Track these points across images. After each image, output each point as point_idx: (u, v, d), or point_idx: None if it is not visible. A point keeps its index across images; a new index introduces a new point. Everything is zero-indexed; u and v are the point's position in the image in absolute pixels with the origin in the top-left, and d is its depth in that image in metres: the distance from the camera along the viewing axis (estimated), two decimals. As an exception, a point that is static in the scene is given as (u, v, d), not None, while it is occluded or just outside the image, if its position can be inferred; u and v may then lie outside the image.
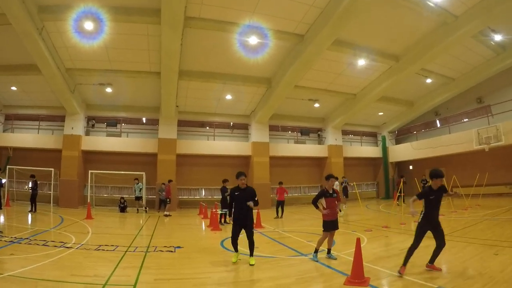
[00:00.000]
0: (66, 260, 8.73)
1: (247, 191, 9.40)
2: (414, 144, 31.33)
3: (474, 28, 18.08)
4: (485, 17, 17.09)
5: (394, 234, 13.13)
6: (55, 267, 8.02)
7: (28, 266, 7.90)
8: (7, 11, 14.92)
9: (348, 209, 23.18)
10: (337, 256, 9.31)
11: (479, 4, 16.66)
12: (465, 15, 17.48)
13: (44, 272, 7.50)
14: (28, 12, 15.33)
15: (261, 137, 28.63)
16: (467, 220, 15.94)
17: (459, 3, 16.90)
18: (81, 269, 7.93)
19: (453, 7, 17.18)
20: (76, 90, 23.51)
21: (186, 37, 17.82)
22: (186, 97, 25.25)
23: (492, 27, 19.47)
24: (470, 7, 17.04)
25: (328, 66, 22.34)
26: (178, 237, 13.33)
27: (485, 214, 17.57)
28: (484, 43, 21.37)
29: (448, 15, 17.71)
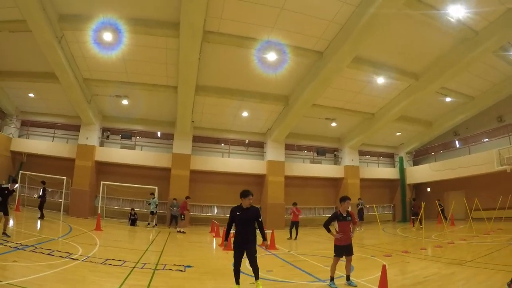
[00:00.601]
0: (70, 273, 8.40)
1: (251, 211, 8.25)
2: (433, 165, 30.38)
3: (495, 43, 17.49)
4: (506, 32, 16.51)
5: (415, 260, 12.49)
6: (57, 279, 7.70)
7: (29, 275, 7.62)
8: (28, 18, 15.00)
9: (364, 232, 22.83)
10: (357, 283, 8.77)
11: (499, 19, 16.11)
12: (486, 30, 16.89)
13: (46, 284, 7.21)
14: (48, 20, 15.40)
15: (277, 156, 28.22)
16: (491, 245, 15.20)
17: (479, 18, 16.32)
18: (85, 284, 7.63)
19: (473, 22, 16.62)
20: (93, 101, 23.51)
21: (204, 51, 17.64)
22: (202, 112, 25.04)
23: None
24: (490, 22, 16.45)
25: (346, 84, 21.96)
26: (188, 256, 12.93)
27: (509, 238, 16.88)
28: (505, 59, 20.53)
29: (468, 31, 17.16)
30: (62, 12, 16.03)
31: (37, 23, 15.13)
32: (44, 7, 14.76)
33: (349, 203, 9.09)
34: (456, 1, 14.89)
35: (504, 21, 15.99)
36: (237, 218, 8.18)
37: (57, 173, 23.46)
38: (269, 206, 26.50)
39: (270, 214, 26.30)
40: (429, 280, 8.96)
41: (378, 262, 11.84)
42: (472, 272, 9.86)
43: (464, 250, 14.31)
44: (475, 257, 12.15)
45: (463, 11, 15.50)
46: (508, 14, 15.73)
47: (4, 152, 24.34)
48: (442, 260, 12.08)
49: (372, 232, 22.96)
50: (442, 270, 10.26)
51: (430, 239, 17.85)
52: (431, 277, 9.40)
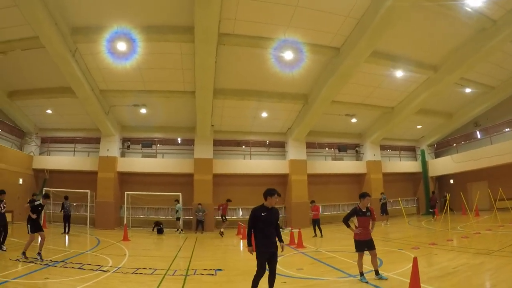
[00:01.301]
0: (102, 285, 8.40)
1: (274, 212, 7.45)
2: (455, 157, 30.00)
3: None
4: None
5: (443, 251, 12.44)
6: (91, 293, 7.65)
7: (62, 291, 7.55)
8: (40, 34, 15.02)
9: (390, 227, 22.91)
10: (388, 277, 8.76)
11: None
12: (504, 19, 16.53)
13: (80, 298, 7.17)
14: (61, 34, 15.43)
15: (298, 155, 28.09)
16: None
17: (496, 7, 15.97)
18: (118, 296, 7.56)
19: (490, 11, 16.26)
20: (111, 112, 23.58)
21: (220, 54, 17.50)
22: (221, 116, 25.02)
23: None
24: (508, 10, 16.09)
25: (365, 79, 21.74)
26: (218, 259, 12.98)
27: None
28: None
29: (486, 20, 16.80)
30: (74, 25, 16.06)
31: (50, 38, 15.15)
32: (56, 22, 14.78)
33: (368, 199, 9.10)
34: None
35: None
36: (262, 219, 7.25)
37: (81, 187, 23.85)
38: (294, 205, 26.36)
39: (295, 213, 26.23)
40: (458, 271, 8.96)
41: (406, 255, 11.97)
42: (501, 261, 9.83)
43: (490, 240, 14.30)
44: (502, 247, 12.09)
45: (480, 1, 15.18)
46: None
47: (26, 171, 24.65)
48: (470, 250, 12.08)
49: (398, 226, 23.01)
50: (471, 260, 10.25)
51: (456, 230, 17.74)
52: (460, 267, 9.40)
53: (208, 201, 24.92)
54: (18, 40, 16.60)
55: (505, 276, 8.32)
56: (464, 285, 7.67)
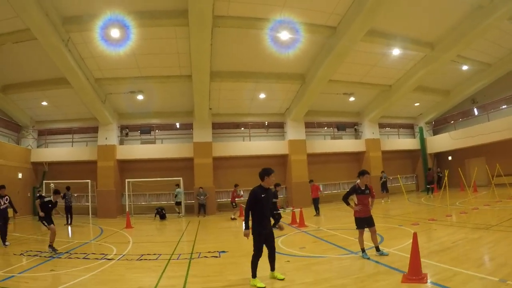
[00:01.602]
0: (108, 273, 8.43)
1: (271, 191, 7.68)
2: (453, 134, 30.20)
3: (510, 10, 17.06)
4: None
5: (442, 227, 12.66)
6: (97, 282, 7.74)
7: (69, 282, 7.63)
8: (31, 26, 14.91)
9: (391, 204, 23.17)
10: (389, 252, 8.90)
11: None
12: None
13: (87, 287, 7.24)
14: (52, 24, 15.32)
15: (297, 135, 28.11)
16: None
17: None
18: (124, 282, 7.62)
19: None
20: (107, 100, 23.48)
21: (215, 37, 17.40)
22: (218, 99, 24.94)
23: None
24: None
25: (362, 58, 21.72)
26: (221, 241, 13.02)
27: None
28: None
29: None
30: (66, 15, 15.90)
31: (42, 29, 15.03)
32: (46, 12, 14.66)
33: (368, 177, 9.15)
34: None
35: None
36: (262, 200, 7.27)
37: (81, 177, 23.85)
38: (294, 185, 26.44)
39: (295, 193, 26.39)
40: (457, 245, 9.18)
41: (406, 231, 12.24)
42: (499, 235, 10.03)
43: (488, 215, 14.58)
44: (501, 221, 12.31)
45: None
46: None
47: (25, 165, 24.62)
48: (468, 225, 12.30)
49: (398, 203, 23.25)
50: (469, 235, 10.45)
51: (455, 206, 17.97)
52: (459, 242, 9.62)
53: (209, 184, 25.00)
54: (9, 34, 16.47)
55: (503, 249, 8.47)
56: (463, 258, 7.77)
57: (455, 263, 7.32)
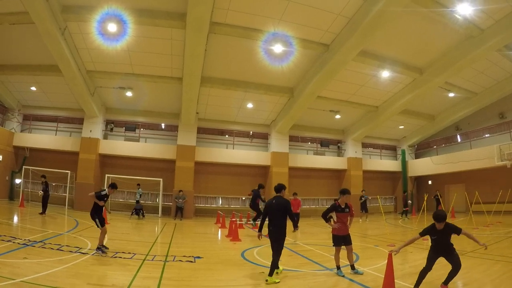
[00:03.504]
0: (81, 267, 8.38)
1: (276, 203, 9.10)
2: (434, 158, 30.78)
3: (499, 42, 17.69)
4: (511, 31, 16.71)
5: (418, 250, 12.77)
6: (70, 274, 7.68)
7: (42, 272, 7.55)
8: (30, 10, 14.79)
9: (368, 223, 23.27)
10: (363, 271, 8.99)
11: (505, 18, 16.32)
12: (491, 28, 17.15)
13: (58, 280, 7.18)
14: (51, 11, 15.25)
15: (281, 147, 28.24)
16: (490, 237, 15.66)
17: (486, 17, 16.53)
18: (98, 278, 7.60)
19: (480, 20, 16.80)
20: (96, 93, 23.35)
21: (210, 43, 17.55)
22: (206, 104, 24.96)
23: None
24: (497, 21, 16.70)
25: (351, 77, 22.00)
26: (197, 247, 13.00)
27: (508, 231, 17.35)
28: (509, 57, 20.86)
29: (474, 28, 17.35)
30: (65, 3, 15.85)
31: (40, 14, 14.91)
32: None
33: (348, 197, 9.28)
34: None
35: (510, 20, 16.22)
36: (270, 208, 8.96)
37: (61, 167, 23.55)
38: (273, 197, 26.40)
39: (274, 205, 26.20)
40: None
41: (382, 251, 12.41)
42: (473, 262, 10.20)
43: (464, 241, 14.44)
44: (475, 248, 12.22)
45: (470, 9, 15.66)
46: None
47: (6, 147, 24.14)
48: None
49: (375, 223, 23.40)
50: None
51: None
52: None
53: (189, 188, 24.94)
54: (7, 14, 16.29)
55: (477, 276, 8.67)
56: (437, 283, 7.90)
57: (429, 287, 7.52)
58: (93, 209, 11.11)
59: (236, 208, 24.60)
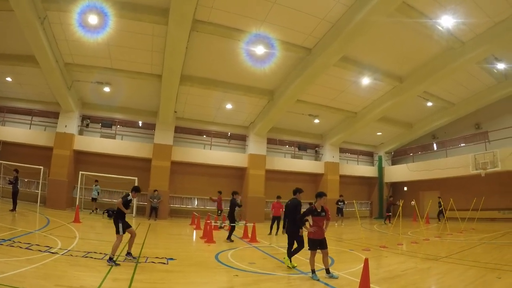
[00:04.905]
0: (50, 268, 8.07)
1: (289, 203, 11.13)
2: (411, 165, 31.57)
3: (479, 55, 18.29)
4: (491, 45, 17.30)
5: (393, 254, 12.99)
6: (38, 275, 7.38)
7: (8, 271, 7.24)
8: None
9: (344, 228, 23.60)
10: (338, 275, 8.98)
11: (486, 32, 16.83)
12: (472, 41, 17.63)
13: (26, 280, 6.89)
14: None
15: (258, 150, 28.23)
16: (464, 243, 15.92)
17: (467, 30, 17.01)
18: (67, 279, 7.29)
19: (461, 32, 17.29)
20: (73, 87, 22.74)
21: (192, 40, 17.34)
22: (185, 103, 24.69)
23: (496, 55, 19.84)
24: (478, 34, 17.19)
25: (332, 82, 22.13)
26: (170, 248, 12.77)
27: (481, 237, 17.69)
28: (487, 70, 21.63)
29: (455, 41, 17.83)
30: (46, -9, 15.42)
31: (19, 1, 14.33)
32: (27, -14, 14.14)
33: (325, 199, 9.27)
34: (447, 11, 15.42)
35: (491, 35, 16.75)
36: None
37: (34, 162, 22.75)
38: (250, 199, 26.38)
39: (250, 207, 26.27)
40: (407, 274, 9.38)
41: (357, 255, 12.43)
42: (448, 267, 10.34)
43: (439, 247, 15.12)
44: (450, 254, 12.71)
45: (452, 21, 16.09)
46: (495, 28, 16.55)
47: (-22, 141, 23.31)
48: (418, 255, 12.61)
49: (351, 227, 23.74)
50: (419, 265, 10.75)
51: (406, 236, 18.66)
52: (408, 271, 9.83)
53: (164, 188, 24.65)
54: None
55: (451, 281, 8.69)
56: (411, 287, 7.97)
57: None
58: (117, 214, 10.32)
59: (212, 209, 24.31)
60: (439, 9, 15.43)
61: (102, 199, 24.92)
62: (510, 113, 25.37)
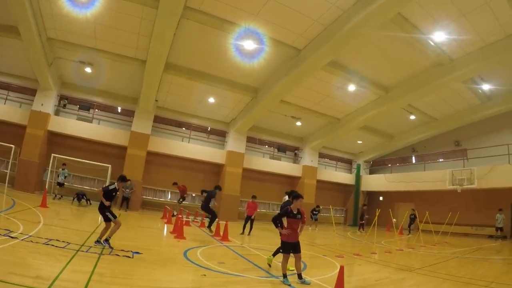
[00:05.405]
0: (7, 253, 7.52)
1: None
2: (388, 176, 32.10)
3: (466, 73, 18.75)
4: (479, 65, 17.75)
5: (367, 263, 12.86)
6: (-9, 261, 6.82)
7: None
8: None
9: (318, 233, 23.65)
10: (311, 281, 8.68)
11: (476, 52, 17.21)
12: (461, 60, 18.00)
13: (-23, 266, 6.34)
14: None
15: (237, 147, 28.01)
16: (437, 256, 16.02)
17: (457, 48, 17.35)
18: (23, 267, 6.74)
19: (451, 49, 17.63)
20: (54, 64, 21.78)
21: (180, 28, 16.81)
22: (167, 92, 24.18)
23: (482, 76, 20.36)
24: (467, 53, 17.55)
25: (318, 85, 22.06)
26: (137, 241, 12.24)
27: (454, 251, 17.86)
28: (472, 90, 22.05)
29: (445, 57, 18.12)
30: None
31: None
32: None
33: (301, 201, 8.95)
34: (440, 27, 15.65)
35: (480, 55, 17.19)
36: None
37: (6, 140, 21.39)
38: (224, 197, 25.91)
39: (224, 205, 25.94)
40: (381, 284, 9.22)
41: (330, 262, 12.27)
42: (422, 279, 10.27)
43: (412, 258, 15.19)
44: (424, 265, 12.70)
45: (444, 37, 16.35)
46: (485, 48, 16.99)
47: None
48: (392, 265, 12.54)
49: (325, 233, 23.79)
50: (393, 275, 10.62)
51: (380, 245, 18.72)
52: (382, 280, 9.68)
53: (138, 178, 24.10)
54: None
55: None
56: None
57: None
58: (101, 203, 10.09)
59: (185, 204, 23.84)
60: (432, 24, 15.58)
61: (73, 185, 24.05)
62: (489, 133, 26.12)
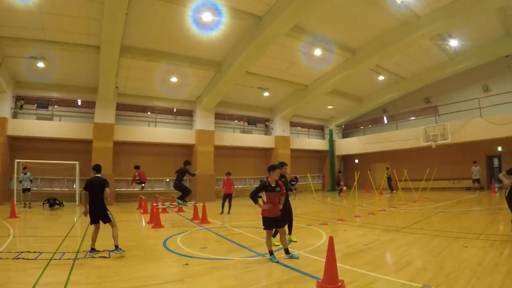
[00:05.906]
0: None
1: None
2: (361, 138, 32.51)
3: (433, 30, 18.89)
4: (446, 21, 17.89)
5: (352, 227, 12.81)
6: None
7: None
8: None
9: (298, 202, 23.11)
10: (299, 255, 8.49)
11: (443, 8, 17.20)
12: (428, 16, 18.01)
13: None
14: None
15: (206, 125, 27.44)
16: (420, 212, 16.24)
17: (424, 4, 17.30)
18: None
19: (418, 7, 17.56)
20: (4, 64, 20.31)
21: (132, 7, 15.83)
22: (127, 77, 23.17)
23: (450, 32, 20.54)
24: (434, 10, 17.55)
25: (282, 53, 21.59)
26: (113, 238, 11.55)
27: (436, 206, 18.16)
28: (440, 47, 22.24)
29: (411, 15, 18.05)
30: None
31: None
32: None
33: (278, 172, 8.57)
34: None
35: (447, 11, 17.29)
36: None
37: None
38: (199, 177, 24.57)
39: (200, 186, 25.45)
40: (371, 248, 9.11)
41: (315, 231, 12.17)
42: (411, 238, 10.37)
43: (396, 217, 15.29)
44: (409, 224, 12.87)
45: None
46: (452, 4, 17.05)
47: None
48: (378, 227, 12.67)
49: (305, 201, 23.83)
50: (381, 237, 10.57)
51: (362, 207, 18.91)
52: (372, 244, 9.62)
53: (107, 171, 22.74)
54: None
55: (418, 253, 8.63)
56: (379, 263, 7.69)
57: (372, 268, 7.11)
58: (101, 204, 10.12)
59: (160, 191, 23.30)
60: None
61: (42, 188, 22.86)
62: (459, 89, 26.78)
